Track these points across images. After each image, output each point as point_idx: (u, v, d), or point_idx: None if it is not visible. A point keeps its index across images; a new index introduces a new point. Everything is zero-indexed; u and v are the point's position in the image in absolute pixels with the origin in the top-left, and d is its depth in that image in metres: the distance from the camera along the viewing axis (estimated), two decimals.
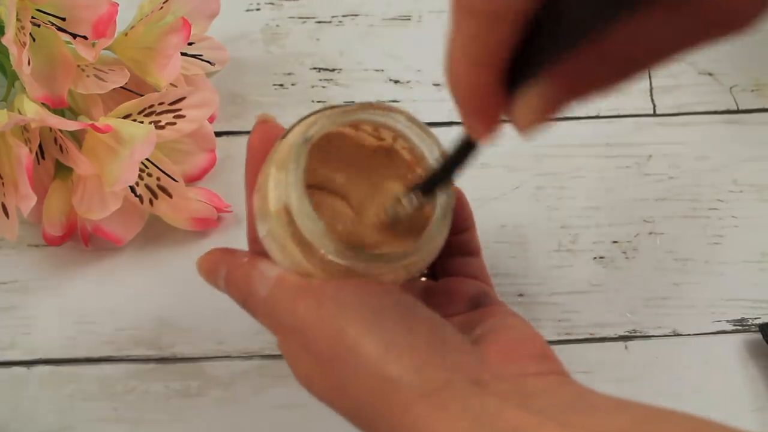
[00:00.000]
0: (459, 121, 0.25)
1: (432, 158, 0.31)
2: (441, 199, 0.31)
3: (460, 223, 0.36)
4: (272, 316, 0.31)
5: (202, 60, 0.46)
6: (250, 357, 0.42)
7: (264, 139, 0.33)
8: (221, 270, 0.33)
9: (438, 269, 0.37)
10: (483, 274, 0.36)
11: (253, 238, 0.33)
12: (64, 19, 0.39)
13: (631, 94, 0.49)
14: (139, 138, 0.38)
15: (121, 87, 0.40)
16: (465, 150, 0.27)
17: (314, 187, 0.33)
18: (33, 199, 0.38)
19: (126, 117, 0.40)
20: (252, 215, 0.33)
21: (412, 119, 0.31)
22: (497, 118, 0.24)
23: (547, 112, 0.22)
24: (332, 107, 0.31)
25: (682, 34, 0.20)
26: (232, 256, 0.33)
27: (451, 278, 0.36)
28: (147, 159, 0.41)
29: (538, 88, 0.22)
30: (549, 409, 0.26)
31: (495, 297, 0.35)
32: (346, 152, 0.33)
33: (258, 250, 0.32)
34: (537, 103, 0.22)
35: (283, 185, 0.30)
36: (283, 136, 0.31)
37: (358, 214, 0.33)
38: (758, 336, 0.43)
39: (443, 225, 0.31)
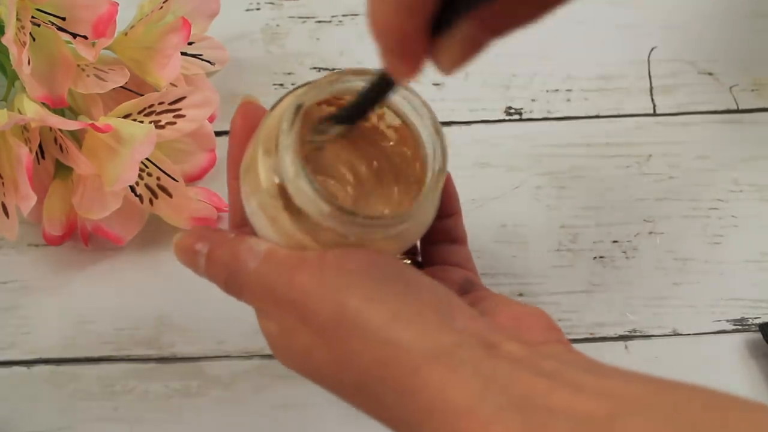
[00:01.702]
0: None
1: (421, 125, 0.31)
2: (433, 166, 0.30)
3: (447, 207, 0.35)
4: (263, 290, 0.29)
5: (202, 60, 0.46)
6: (250, 357, 0.42)
7: (247, 122, 0.32)
8: (202, 248, 0.32)
9: (425, 258, 0.36)
10: (469, 263, 0.36)
11: (237, 224, 0.33)
12: (64, 19, 0.39)
13: (631, 94, 0.49)
14: (139, 138, 0.38)
15: (121, 87, 0.40)
16: (383, 87, 0.28)
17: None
18: (33, 199, 0.38)
19: (126, 117, 0.40)
20: (235, 199, 0.33)
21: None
22: (422, 60, 0.24)
23: (470, 53, 0.24)
24: (311, 82, 0.30)
25: None
26: (215, 233, 0.32)
27: (437, 266, 0.35)
28: (147, 159, 0.41)
29: (461, 30, 0.23)
30: (560, 372, 0.26)
31: (481, 284, 0.35)
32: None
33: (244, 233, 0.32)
34: (461, 44, 0.23)
35: (273, 154, 0.29)
36: (270, 110, 0.31)
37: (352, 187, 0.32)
38: (758, 336, 0.43)
39: (435, 192, 0.30)
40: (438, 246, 0.36)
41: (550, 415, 0.24)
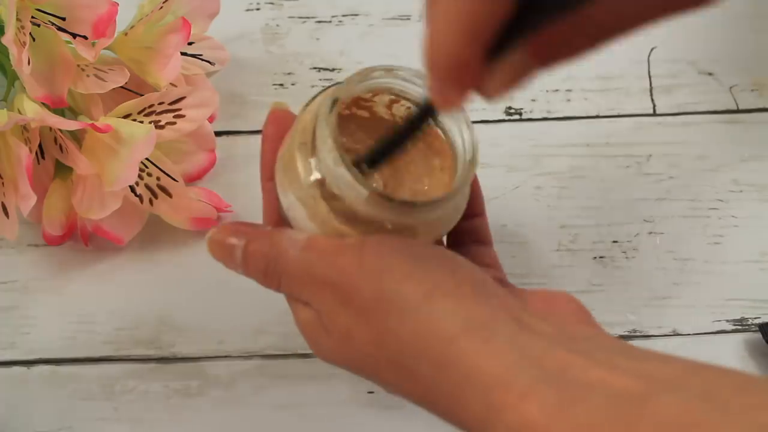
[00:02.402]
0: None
1: (451, 120, 0.32)
2: (464, 157, 0.31)
3: (475, 206, 0.36)
4: (305, 275, 0.30)
5: (202, 60, 0.45)
6: (250, 357, 0.42)
7: (278, 127, 0.33)
8: (239, 240, 0.32)
9: None
10: (497, 264, 0.36)
11: (273, 224, 0.33)
12: (64, 19, 0.39)
13: (631, 94, 0.49)
14: (139, 138, 0.38)
15: (121, 87, 0.40)
16: (424, 117, 0.28)
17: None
18: (33, 199, 0.38)
19: (126, 117, 0.40)
20: (269, 201, 0.33)
21: (419, 75, 0.32)
22: (471, 89, 0.24)
23: (518, 82, 0.24)
24: (345, 80, 0.31)
25: (653, 3, 0.22)
26: (251, 226, 0.33)
27: None
28: (147, 159, 0.41)
29: (514, 59, 0.23)
30: (594, 351, 0.26)
31: (511, 285, 0.35)
32: (367, 127, 0.34)
33: None
34: (511, 73, 0.24)
35: (310, 146, 0.30)
36: (305, 107, 0.32)
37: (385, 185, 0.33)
38: (758, 336, 0.43)
39: (466, 182, 0.31)
40: (466, 248, 0.36)
41: (585, 389, 0.24)
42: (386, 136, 0.30)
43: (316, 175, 0.30)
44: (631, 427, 0.23)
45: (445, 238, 0.36)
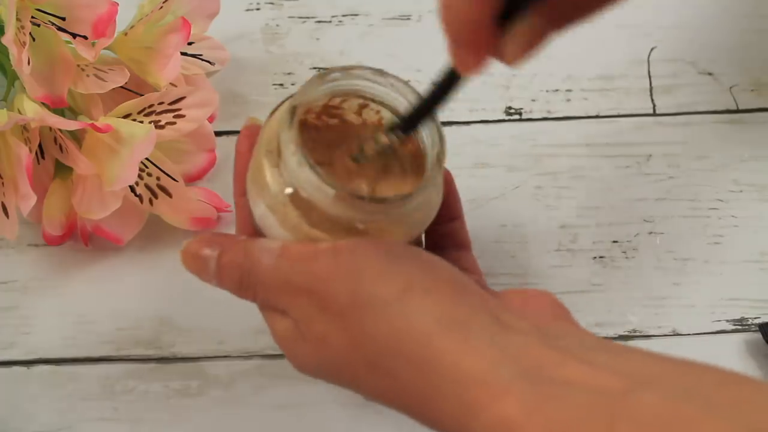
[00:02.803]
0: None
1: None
2: (432, 149, 0.31)
3: (451, 209, 0.36)
4: (280, 284, 0.30)
5: (202, 60, 0.46)
6: (250, 357, 0.42)
7: (252, 140, 0.33)
8: (212, 252, 0.32)
9: None
10: (476, 268, 0.36)
11: (247, 235, 0.33)
12: (64, 19, 0.39)
13: (631, 94, 0.49)
14: (138, 138, 0.38)
15: (121, 87, 0.40)
16: (449, 83, 0.28)
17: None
18: (33, 199, 0.38)
19: (126, 117, 0.40)
20: (242, 214, 0.33)
21: (375, 72, 0.31)
22: (486, 51, 0.25)
23: (534, 45, 0.24)
24: (302, 86, 0.31)
25: None
26: (224, 236, 0.32)
27: None
28: (147, 159, 0.41)
29: (527, 22, 0.24)
30: (573, 348, 0.26)
31: (489, 288, 0.35)
32: (333, 132, 0.33)
33: None
34: (526, 36, 0.24)
35: (275, 153, 0.30)
36: (269, 117, 0.32)
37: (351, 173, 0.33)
38: (758, 336, 0.43)
39: (436, 176, 0.31)
40: (445, 252, 0.36)
41: (564, 386, 0.24)
42: (417, 103, 0.30)
43: (283, 182, 0.30)
44: (609, 423, 0.23)
45: (423, 243, 0.36)
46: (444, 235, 0.35)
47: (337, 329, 0.28)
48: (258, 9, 0.51)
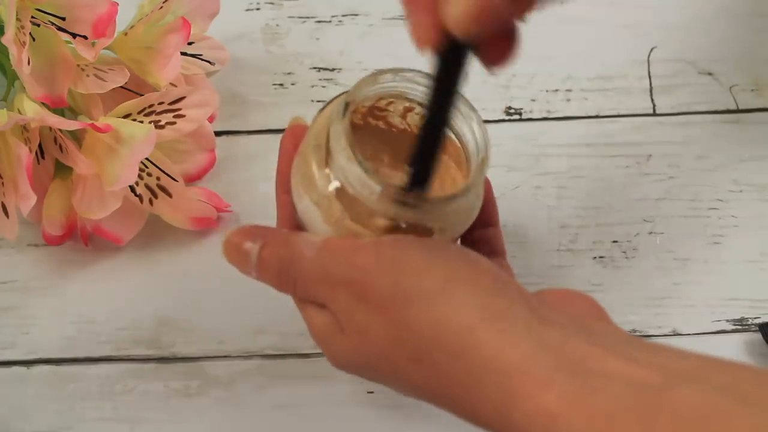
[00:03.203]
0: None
1: (463, 121, 0.32)
2: (477, 155, 0.32)
3: (489, 215, 0.36)
4: (321, 276, 0.30)
5: (202, 60, 0.45)
6: (250, 357, 0.42)
7: (296, 140, 0.33)
8: (254, 245, 0.32)
9: None
10: (510, 274, 0.36)
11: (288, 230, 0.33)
12: (64, 19, 0.39)
13: (631, 94, 0.49)
14: (138, 137, 0.38)
15: (121, 87, 0.40)
16: (446, 67, 0.27)
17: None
18: (33, 199, 0.38)
19: (126, 117, 0.40)
20: (284, 212, 0.34)
21: (423, 75, 0.32)
22: (437, 16, 0.24)
23: (478, 8, 0.23)
24: (355, 84, 0.31)
25: None
26: (267, 230, 0.33)
27: None
28: (147, 158, 0.41)
29: None
30: (612, 344, 0.26)
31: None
32: (384, 138, 0.34)
33: None
34: None
35: (323, 148, 0.30)
36: (318, 113, 0.32)
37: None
38: (758, 336, 0.43)
39: (479, 180, 0.31)
40: None
41: (604, 379, 0.24)
42: (415, 150, 0.29)
43: (330, 177, 0.30)
44: (649, 416, 0.23)
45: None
46: (479, 240, 0.36)
47: (378, 321, 0.29)
48: (258, 9, 0.51)
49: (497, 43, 0.26)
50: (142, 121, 0.40)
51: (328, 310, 0.30)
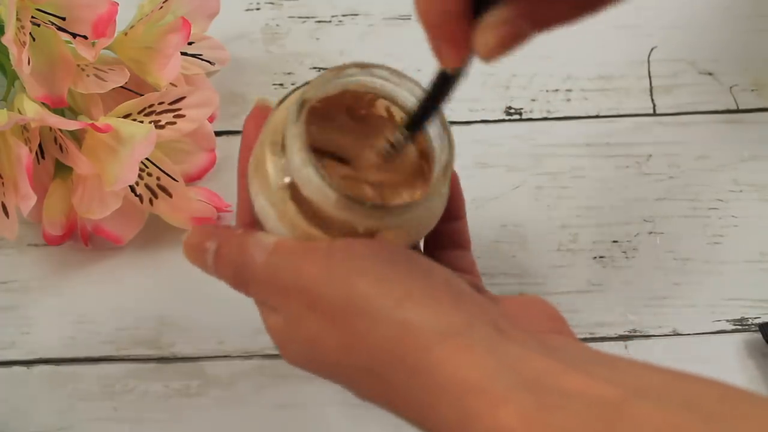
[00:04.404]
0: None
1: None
2: (440, 158, 0.31)
3: (454, 209, 0.36)
4: (271, 281, 0.29)
5: (202, 60, 0.46)
6: (250, 357, 0.42)
7: (260, 123, 0.33)
8: (211, 245, 0.32)
9: None
10: (474, 269, 0.36)
11: (246, 223, 0.33)
12: (64, 19, 0.39)
13: (631, 94, 0.49)
14: (139, 137, 0.38)
15: (121, 87, 0.40)
16: (442, 83, 0.28)
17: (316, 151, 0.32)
18: (33, 199, 0.38)
19: (126, 116, 0.40)
20: (243, 199, 0.33)
21: (392, 72, 0.31)
22: (465, 44, 0.24)
23: (509, 40, 0.24)
24: (315, 79, 0.30)
25: None
26: (223, 230, 0.32)
27: None
28: (147, 158, 0.41)
29: (499, 13, 0.23)
30: (571, 360, 0.26)
31: (487, 290, 0.35)
32: (341, 121, 0.33)
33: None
34: (498, 29, 0.24)
35: (279, 147, 0.29)
36: (276, 106, 0.32)
37: (357, 170, 0.33)
38: (758, 336, 0.43)
39: (442, 185, 0.30)
40: (444, 251, 0.36)
41: (563, 396, 0.24)
42: (419, 102, 0.29)
43: (285, 176, 0.29)
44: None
45: (422, 242, 0.36)
46: (444, 234, 0.35)
47: (327, 330, 0.28)
48: (258, 9, 0.51)
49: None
50: (142, 121, 0.40)
51: (281, 314, 0.30)
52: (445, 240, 0.36)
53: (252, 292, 0.31)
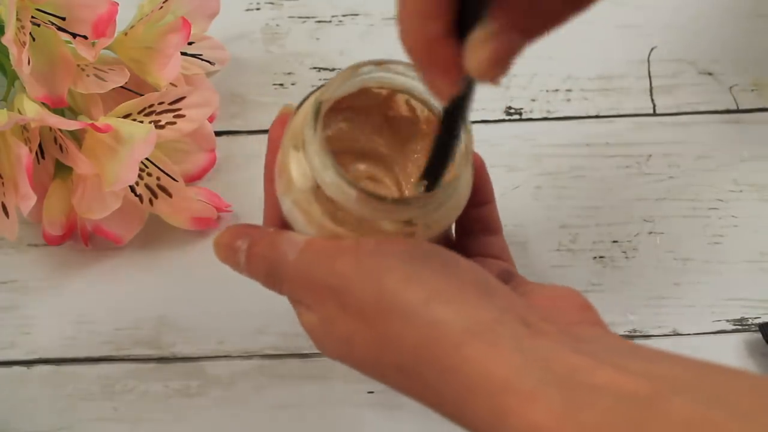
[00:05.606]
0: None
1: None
2: (459, 148, 0.30)
3: (483, 194, 0.35)
4: (303, 280, 0.30)
5: (202, 60, 0.46)
6: (250, 357, 0.42)
7: (284, 129, 0.33)
8: (242, 243, 0.32)
9: (462, 250, 0.36)
10: (506, 254, 0.36)
11: (276, 227, 0.33)
12: (64, 19, 0.39)
13: (631, 94, 0.49)
14: (138, 137, 0.38)
15: (121, 87, 0.40)
16: (449, 121, 0.27)
17: (337, 152, 0.33)
18: (33, 199, 0.38)
19: (126, 117, 0.40)
20: (271, 202, 0.33)
21: (407, 66, 0.31)
22: (455, 68, 0.24)
23: (500, 52, 0.23)
24: (331, 79, 0.31)
25: None
26: (254, 229, 0.33)
27: (474, 258, 0.35)
28: (147, 158, 0.41)
29: (485, 29, 0.22)
30: (601, 353, 0.26)
31: (519, 275, 0.34)
32: (363, 117, 0.34)
33: None
34: (487, 43, 0.23)
35: (300, 150, 0.30)
36: (296, 110, 0.32)
37: (379, 176, 0.33)
38: (758, 336, 0.43)
39: (463, 175, 0.30)
40: (474, 237, 0.35)
41: (592, 392, 0.24)
42: (432, 150, 0.29)
43: (308, 178, 0.30)
44: (638, 428, 0.23)
45: (453, 227, 0.36)
46: (474, 219, 0.35)
47: (360, 329, 0.28)
48: (258, 9, 0.51)
49: None
50: (142, 121, 0.40)
51: (315, 312, 0.30)
52: (475, 226, 0.35)
53: (285, 289, 0.31)
